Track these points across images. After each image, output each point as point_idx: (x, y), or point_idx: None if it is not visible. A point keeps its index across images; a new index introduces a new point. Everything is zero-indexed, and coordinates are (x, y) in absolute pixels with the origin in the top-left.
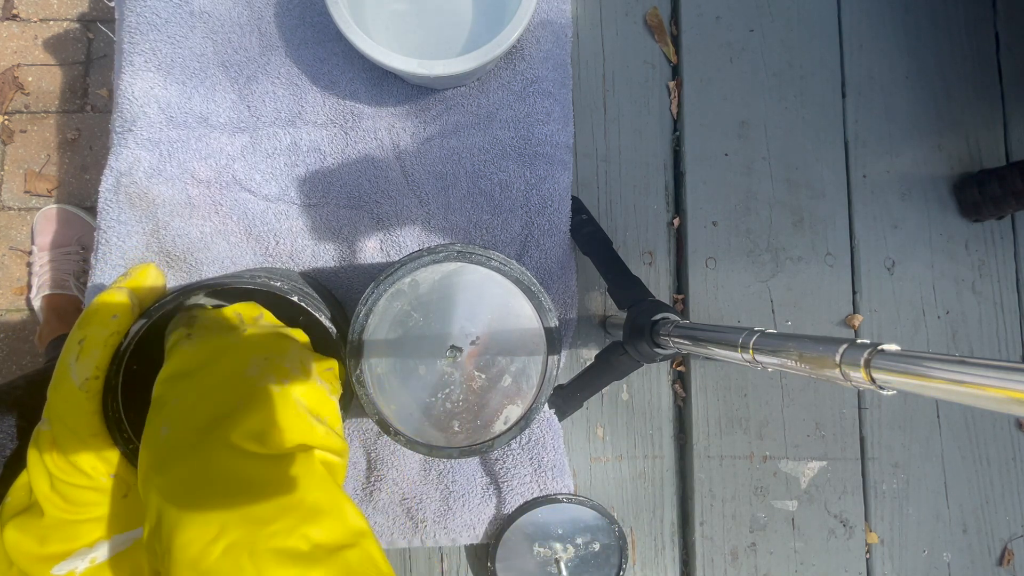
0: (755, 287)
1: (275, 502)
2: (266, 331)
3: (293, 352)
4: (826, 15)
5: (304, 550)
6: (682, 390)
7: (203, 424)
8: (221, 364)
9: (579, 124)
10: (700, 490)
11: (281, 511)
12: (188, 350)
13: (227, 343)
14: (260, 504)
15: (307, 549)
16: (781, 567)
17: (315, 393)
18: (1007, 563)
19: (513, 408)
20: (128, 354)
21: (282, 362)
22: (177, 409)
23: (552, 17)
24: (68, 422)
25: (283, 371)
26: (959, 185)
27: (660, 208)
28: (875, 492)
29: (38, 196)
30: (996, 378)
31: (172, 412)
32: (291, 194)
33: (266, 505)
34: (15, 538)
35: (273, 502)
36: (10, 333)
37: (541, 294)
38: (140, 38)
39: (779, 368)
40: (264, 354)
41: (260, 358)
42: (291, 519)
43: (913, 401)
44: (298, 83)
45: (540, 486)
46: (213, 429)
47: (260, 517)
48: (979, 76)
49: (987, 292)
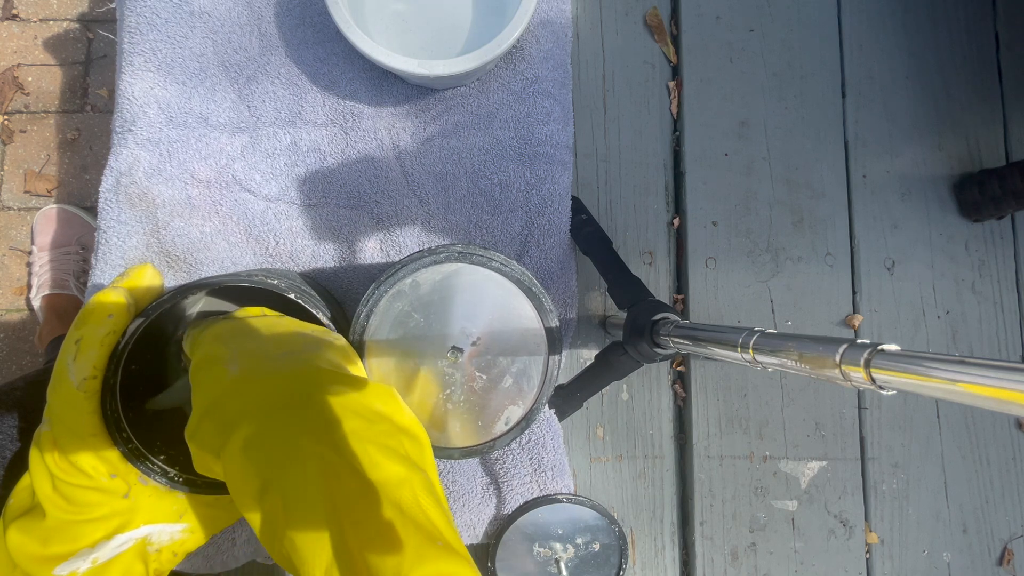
0: (755, 287)
1: (376, 410)
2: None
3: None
4: (826, 15)
5: (402, 454)
6: (682, 390)
7: (278, 356)
8: (276, 325)
9: (579, 124)
10: (700, 490)
11: (381, 418)
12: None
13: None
14: (366, 408)
15: (404, 454)
16: (781, 567)
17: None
18: (1007, 563)
19: (514, 408)
20: (126, 354)
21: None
22: (242, 353)
23: (552, 17)
24: (67, 422)
25: (334, 336)
26: (959, 185)
27: (660, 208)
28: (875, 492)
29: (38, 196)
30: (996, 378)
31: (237, 355)
32: (291, 194)
33: (370, 410)
34: (18, 540)
35: (374, 410)
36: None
37: (542, 294)
38: (140, 38)
39: (779, 368)
40: (310, 328)
41: (308, 329)
42: (390, 426)
43: (913, 401)
44: (298, 83)
45: (540, 486)
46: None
47: (368, 416)
48: (979, 76)
49: (987, 292)
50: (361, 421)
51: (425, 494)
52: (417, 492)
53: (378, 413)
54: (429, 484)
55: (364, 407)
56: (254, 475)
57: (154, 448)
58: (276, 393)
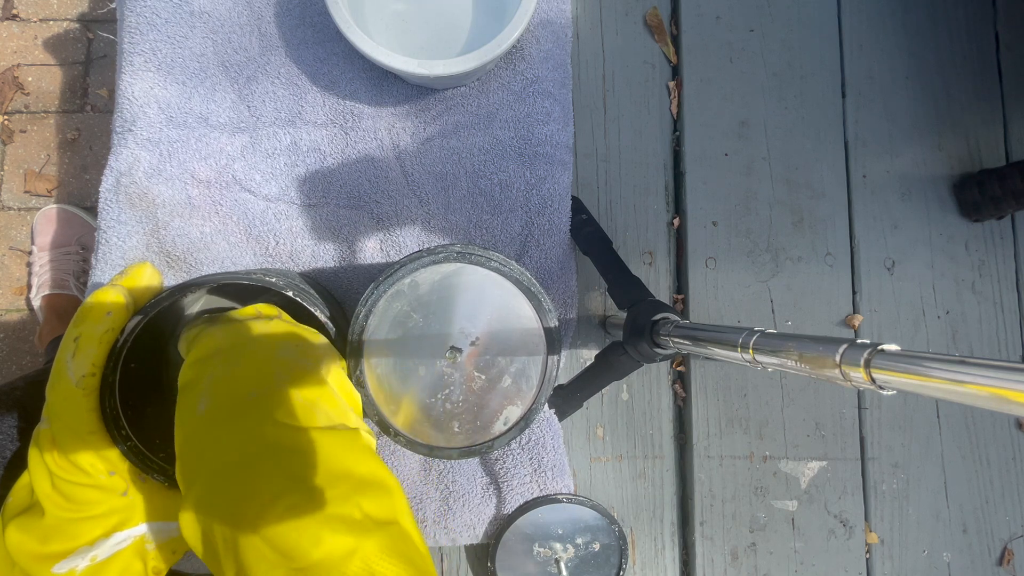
0: (755, 287)
1: (329, 470)
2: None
3: (320, 342)
4: (826, 15)
5: (358, 518)
6: (682, 390)
7: (243, 397)
8: (254, 345)
9: (579, 124)
10: (700, 490)
11: (335, 479)
12: (216, 333)
13: (256, 328)
14: (315, 471)
15: (360, 518)
16: (781, 567)
17: (344, 382)
18: (1007, 563)
19: (513, 409)
20: (125, 352)
21: (313, 349)
22: (214, 384)
23: (552, 17)
24: (66, 419)
25: (315, 356)
26: (959, 185)
27: (660, 208)
28: (875, 492)
29: (38, 196)
30: (996, 378)
31: (208, 388)
32: (291, 194)
33: (321, 472)
34: (17, 538)
35: (327, 470)
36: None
37: (541, 294)
38: (140, 38)
39: (779, 368)
40: (295, 341)
41: (292, 344)
42: (345, 487)
43: (913, 401)
44: (298, 83)
45: (540, 486)
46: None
47: (316, 483)
48: (979, 76)
49: (987, 292)
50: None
51: (381, 557)
52: (370, 560)
53: (333, 473)
54: (390, 542)
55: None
56: (201, 541)
57: (153, 446)
58: (228, 453)
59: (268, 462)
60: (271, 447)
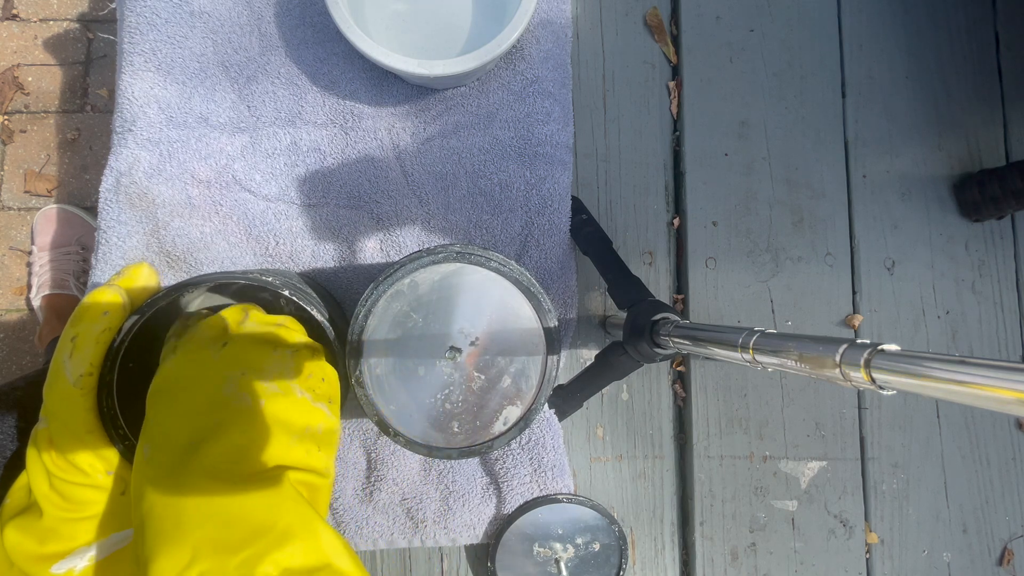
0: (755, 287)
1: (247, 528)
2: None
3: (272, 363)
4: (826, 15)
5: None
6: (682, 390)
7: (181, 448)
8: (198, 384)
9: (579, 124)
10: (700, 490)
11: (253, 537)
12: (172, 365)
13: (206, 359)
14: (232, 530)
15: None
16: (781, 567)
17: (296, 407)
18: (1007, 563)
19: (512, 408)
20: (123, 352)
21: (259, 377)
22: (158, 430)
23: (552, 17)
24: (64, 419)
25: (259, 389)
26: (959, 185)
27: (660, 208)
28: (875, 492)
29: (38, 196)
30: (996, 378)
31: (154, 433)
32: (291, 194)
33: (238, 531)
34: (15, 538)
35: (245, 528)
36: (10, 333)
37: (540, 294)
38: (140, 38)
39: (779, 368)
40: (241, 368)
41: (237, 374)
42: (262, 545)
43: (913, 401)
44: (298, 83)
45: (540, 486)
46: (190, 453)
47: (231, 544)
48: (979, 76)
49: (987, 292)
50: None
51: None
52: None
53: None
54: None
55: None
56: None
57: None
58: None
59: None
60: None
